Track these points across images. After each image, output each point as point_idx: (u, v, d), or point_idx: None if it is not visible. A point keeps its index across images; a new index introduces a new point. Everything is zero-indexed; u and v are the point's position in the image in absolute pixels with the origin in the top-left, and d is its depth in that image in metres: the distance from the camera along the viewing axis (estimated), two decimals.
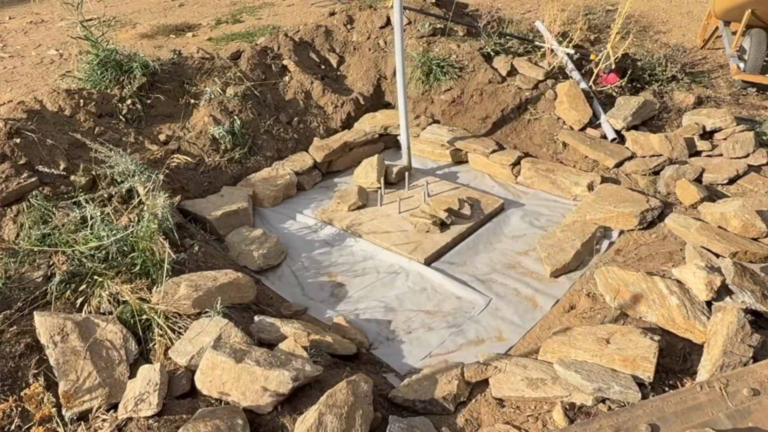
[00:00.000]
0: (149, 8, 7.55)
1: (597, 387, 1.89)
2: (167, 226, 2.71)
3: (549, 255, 2.95)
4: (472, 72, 4.43)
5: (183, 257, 2.62)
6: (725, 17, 4.78)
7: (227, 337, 2.13)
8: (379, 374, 2.34)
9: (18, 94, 4.65)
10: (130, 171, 3.07)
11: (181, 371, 2.05)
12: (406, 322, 2.70)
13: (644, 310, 2.27)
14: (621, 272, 2.45)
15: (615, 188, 3.36)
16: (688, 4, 6.36)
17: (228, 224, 3.26)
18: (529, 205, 3.56)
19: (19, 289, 2.36)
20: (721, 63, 4.94)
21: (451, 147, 4.08)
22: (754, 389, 1.51)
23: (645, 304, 2.28)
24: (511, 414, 1.96)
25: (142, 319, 2.25)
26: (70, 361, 2.02)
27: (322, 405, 1.81)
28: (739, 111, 4.10)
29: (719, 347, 1.94)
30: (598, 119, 3.94)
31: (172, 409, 1.88)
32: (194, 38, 5.91)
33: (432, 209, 3.31)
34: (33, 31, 6.79)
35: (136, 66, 3.91)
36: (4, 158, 2.91)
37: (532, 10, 6.11)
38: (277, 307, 2.73)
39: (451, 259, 3.10)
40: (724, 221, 2.80)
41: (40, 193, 2.87)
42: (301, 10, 6.89)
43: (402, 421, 1.89)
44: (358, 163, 3.89)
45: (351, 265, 3.12)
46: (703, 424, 1.46)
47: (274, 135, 4.07)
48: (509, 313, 2.71)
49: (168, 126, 3.88)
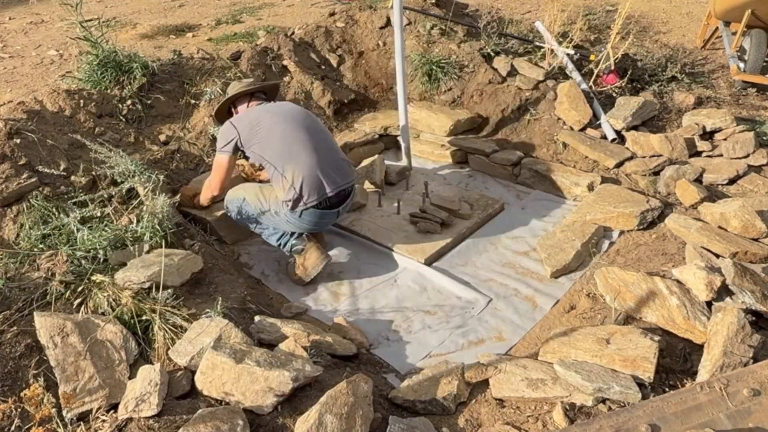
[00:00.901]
0: (149, 8, 7.55)
1: (597, 387, 1.89)
2: (167, 227, 2.72)
3: (549, 255, 2.95)
4: (472, 72, 4.44)
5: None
6: (725, 17, 4.78)
7: (227, 338, 2.13)
8: (379, 374, 2.34)
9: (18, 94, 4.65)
10: (131, 171, 3.07)
11: (181, 372, 2.05)
12: (406, 322, 2.70)
13: (644, 310, 2.27)
14: (621, 272, 2.45)
15: (615, 188, 3.36)
16: (688, 4, 6.37)
17: (228, 225, 3.26)
18: (529, 206, 3.56)
19: (19, 289, 2.35)
20: (721, 63, 4.94)
21: (451, 147, 4.08)
22: (755, 389, 1.51)
23: (645, 305, 2.28)
24: (511, 414, 1.96)
25: (142, 320, 2.25)
26: (70, 362, 2.02)
27: (322, 405, 1.81)
28: (739, 111, 4.10)
29: (719, 347, 1.94)
30: (598, 119, 3.94)
31: (172, 410, 1.88)
32: (194, 38, 5.91)
33: (432, 209, 3.31)
34: (33, 31, 6.79)
35: (136, 66, 3.91)
36: (4, 158, 2.91)
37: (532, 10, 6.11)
38: (277, 308, 2.73)
39: (452, 260, 3.10)
40: (724, 221, 2.80)
41: (40, 193, 2.87)
42: (301, 10, 6.90)
43: (402, 421, 1.89)
44: (358, 163, 3.89)
45: (351, 265, 3.12)
46: (703, 424, 1.46)
47: None
48: (509, 313, 2.71)
49: (168, 126, 3.88)
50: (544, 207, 3.52)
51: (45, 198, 2.85)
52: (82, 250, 2.54)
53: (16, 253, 2.57)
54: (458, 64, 4.46)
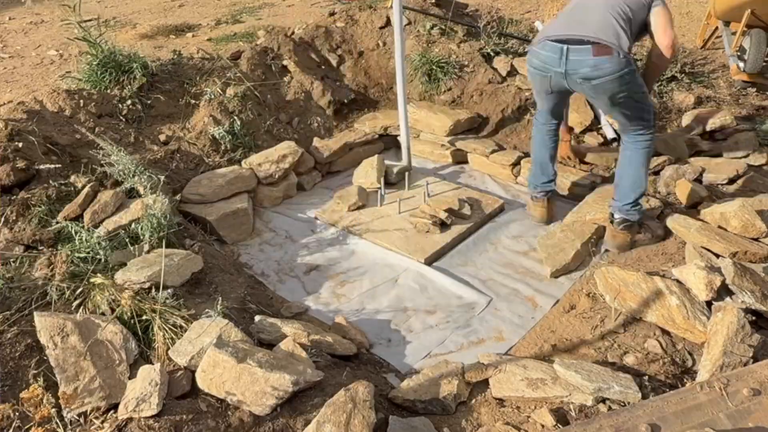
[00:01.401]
0: (149, 8, 7.54)
1: (597, 387, 1.89)
2: (167, 227, 2.72)
3: (549, 255, 2.95)
4: (472, 72, 4.44)
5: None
6: (725, 17, 4.78)
7: (227, 338, 2.13)
8: (379, 374, 2.34)
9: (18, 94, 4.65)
10: (131, 171, 3.07)
11: (181, 372, 2.05)
12: (406, 322, 2.70)
13: (644, 310, 2.27)
14: (621, 272, 2.45)
15: None
16: (688, 4, 6.36)
17: (228, 225, 3.27)
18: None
19: (19, 289, 2.36)
20: (721, 63, 4.94)
21: (451, 147, 4.09)
22: (755, 389, 1.51)
23: (645, 304, 2.28)
24: (511, 414, 1.96)
25: (142, 320, 2.25)
26: (70, 362, 2.02)
27: (321, 416, 1.81)
28: (739, 111, 4.10)
29: (719, 347, 1.95)
30: (599, 121, 3.94)
31: (172, 410, 1.88)
32: (194, 38, 5.91)
33: (432, 209, 3.31)
34: (33, 31, 6.79)
35: (136, 66, 3.91)
36: (4, 159, 2.91)
37: (532, 10, 6.11)
38: (277, 307, 2.73)
39: (452, 260, 3.10)
40: (724, 221, 2.79)
41: (40, 193, 2.87)
42: (301, 10, 6.89)
43: (402, 421, 1.90)
44: (358, 163, 3.89)
45: (351, 265, 3.12)
46: (703, 424, 1.46)
47: (274, 135, 4.07)
48: (509, 313, 2.71)
49: (168, 126, 3.88)
50: None
51: (45, 198, 2.85)
52: (82, 250, 2.54)
53: (17, 253, 2.57)
54: (458, 64, 4.46)
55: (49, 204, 2.83)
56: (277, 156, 3.69)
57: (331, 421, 1.78)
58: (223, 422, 1.86)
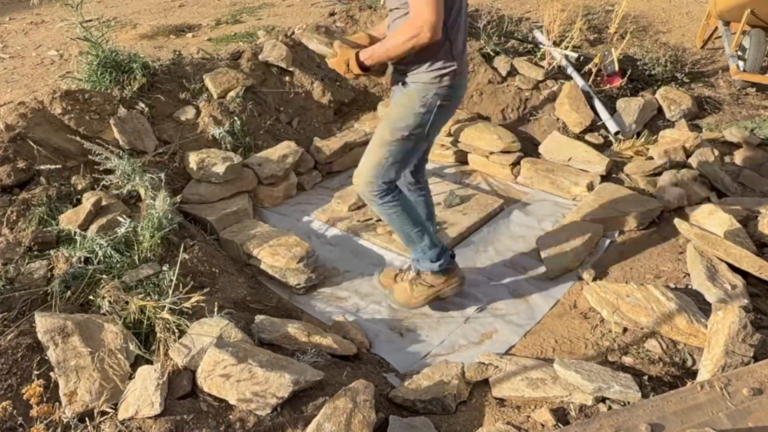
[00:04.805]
0: (149, 9, 7.54)
1: (597, 387, 1.89)
2: (168, 227, 2.72)
3: (549, 255, 2.95)
4: (472, 72, 4.43)
5: (184, 257, 2.62)
6: (725, 17, 4.78)
7: (227, 337, 2.14)
8: (379, 374, 2.34)
9: (18, 94, 4.65)
10: (131, 173, 3.07)
11: (182, 372, 2.05)
12: (407, 322, 2.70)
13: (643, 320, 2.25)
14: (612, 285, 2.44)
15: (615, 188, 3.36)
16: (688, 4, 6.36)
17: (228, 225, 3.27)
18: (528, 206, 3.56)
19: (20, 290, 2.36)
20: (721, 63, 4.94)
21: (452, 147, 4.08)
22: (755, 389, 1.50)
23: (643, 314, 2.26)
24: (511, 414, 1.96)
25: (142, 320, 2.25)
26: (71, 362, 2.02)
27: (321, 416, 1.81)
28: (739, 111, 4.10)
29: (720, 347, 1.94)
30: (600, 119, 3.95)
31: (172, 410, 1.88)
32: (194, 39, 5.90)
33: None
34: (33, 31, 6.79)
35: (136, 67, 3.91)
36: (5, 159, 2.91)
37: (532, 10, 6.11)
38: (277, 307, 2.73)
39: None
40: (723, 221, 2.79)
41: (40, 193, 2.87)
42: (301, 10, 6.89)
43: (403, 421, 1.90)
44: (358, 163, 3.88)
45: (351, 264, 3.12)
46: (703, 423, 1.46)
47: (274, 135, 4.07)
48: (509, 313, 2.71)
49: (168, 126, 3.87)
50: (544, 207, 3.52)
51: (46, 198, 2.86)
52: (83, 250, 2.54)
53: (17, 253, 2.57)
54: None
55: (49, 204, 2.84)
56: (277, 156, 3.69)
57: (331, 420, 1.78)
58: (223, 422, 1.86)
